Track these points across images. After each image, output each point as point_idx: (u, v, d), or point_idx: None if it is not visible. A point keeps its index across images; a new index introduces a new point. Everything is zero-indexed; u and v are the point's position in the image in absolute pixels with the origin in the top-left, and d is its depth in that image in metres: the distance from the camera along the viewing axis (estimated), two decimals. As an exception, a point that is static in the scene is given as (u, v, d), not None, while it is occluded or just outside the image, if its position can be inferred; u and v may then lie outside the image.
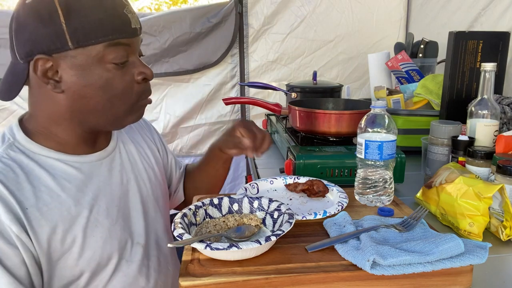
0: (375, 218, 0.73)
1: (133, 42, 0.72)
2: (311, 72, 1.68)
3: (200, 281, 0.56)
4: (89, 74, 0.68)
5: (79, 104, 0.70)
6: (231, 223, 0.70)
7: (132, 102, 0.74)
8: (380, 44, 2.21)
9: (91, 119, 0.72)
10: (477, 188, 0.76)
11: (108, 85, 0.69)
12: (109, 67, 0.69)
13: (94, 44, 0.66)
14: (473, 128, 0.97)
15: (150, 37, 1.94)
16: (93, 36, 0.66)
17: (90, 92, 0.69)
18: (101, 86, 0.69)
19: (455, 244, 0.59)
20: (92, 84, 0.68)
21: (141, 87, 0.74)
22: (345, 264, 0.60)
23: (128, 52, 0.71)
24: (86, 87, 0.68)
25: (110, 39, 0.67)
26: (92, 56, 0.67)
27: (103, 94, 0.70)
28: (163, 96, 2.07)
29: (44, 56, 0.66)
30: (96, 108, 0.71)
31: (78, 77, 0.68)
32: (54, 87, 0.68)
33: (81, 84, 0.68)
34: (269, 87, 1.55)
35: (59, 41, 0.65)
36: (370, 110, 0.84)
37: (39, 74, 0.67)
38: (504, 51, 1.23)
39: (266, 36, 2.12)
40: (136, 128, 0.94)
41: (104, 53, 0.67)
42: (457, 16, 1.76)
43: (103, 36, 0.66)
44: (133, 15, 0.71)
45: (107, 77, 0.69)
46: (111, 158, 0.81)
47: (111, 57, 0.68)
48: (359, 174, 0.86)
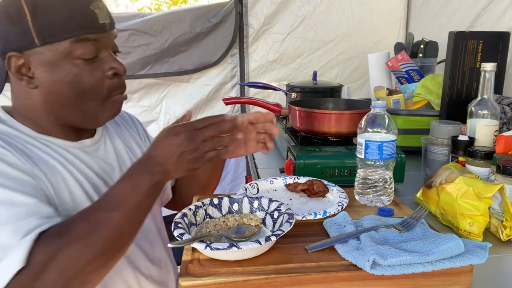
0: (375, 218, 0.73)
1: (102, 37, 0.72)
2: (311, 72, 1.68)
3: (200, 281, 0.56)
4: (58, 69, 0.69)
5: (52, 99, 0.71)
6: (231, 223, 0.70)
7: (103, 98, 0.74)
8: (380, 44, 2.21)
9: (65, 114, 0.73)
10: (477, 188, 0.76)
11: (77, 80, 0.70)
12: (77, 62, 0.70)
13: (60, 41, 0.68)
14: (473, 128, 0.97)
15: (150, 37, 1.94)
16: (58, 33, 0.67)
17: (60, 87, 0.70)
18: (70, 81, 0.70)
19: (455, 244, 0.59)
20: (61, 79, 0.70)
21: (112, 83, 0.74)
22: (345, 264, 0.60)
23: (98, 47, 0.71)
24: (56, 83, 0.70)
25: (75, 35, 0.68)
26: (59, 52, 0.68)
27: (73, 89, 0.71)
28: (163, 96, 2.07)
29: (16, 54, 0.68)
30: (67, 103, 0.72)
31: (48, 73, 0.69)
32: (28, 83, 0.70)
33: (51, 79, 0.70)
34: (269, 87, 1.55)
35: (27, 39, 0.67)
36: (370, 110, 0.84)
37: (12, 71, 0.69)
38: (504, 51, 1.23)
39: (266, 36, 2.12)
40: (122, 125, 0.94)
41: (71, 49, 0.68)
42: (457, 16, 1.76)
43: (68, 33, 0.68)
44: (101, 10, 0.71)
45: (75, 72, 0.70)
46: (95, 148, 0.81)
47: (79, 53, 0.69)
48: (359, 174, 0.86)
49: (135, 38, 1.93)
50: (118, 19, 1.95)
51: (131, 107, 2.02)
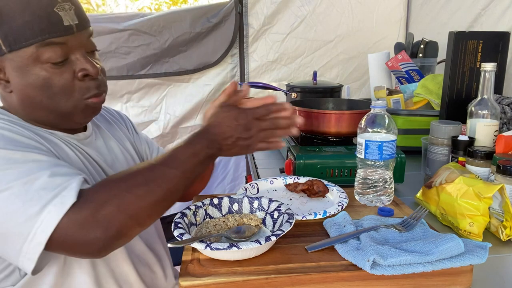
0: (375, 218, 0.73)
1: (70, 39, 0.71)
2: (311, 72, 1.68)
3: (200, 281, 0.56)
4: (28, 74, 0.70)
5: (27, 103, 0.72)
6: (231, 223, 0.70)
7: (75, 99, 0.73)
8: (380, 44, 2.21)
9: (42, 116, 0.74)
10: (477, 188, 0.76)
11: (47, 84, 0.70)
12: (46, 66, 0.70)
13: (25, 47, 0.68)
14: (473, 128, 0.97)
15: (150, 37, 1.94)
16: (22, 39, 0.67)
17: (31, 91, 0.71)
18: (40, 85, 0.70)
19: (455, 244, 0.59)
20: (31, 83, 0.70)
21: (84, 84, 0.74)
22: (345, 264, 0.60)
23: (66, 50, 0.71)
24: (27, 87, 0.70)
25: (39, 40, 0.68)
26: (26, 58, 0.68)
27: (44, 92, 0.71)
28: (163, 96, 2.07)
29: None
30: (41, 106, 0.72)
31: (19, 78, 0.70)
32: (5, 87, 0.72)
33: (22, 84, 0.70)
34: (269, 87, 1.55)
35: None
36: (370, 110, 0.84)
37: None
38: (504, 51, 1.23)
39: (266, 36, 2.12)
40: (113, 122, 0.95)
41: (38, 53, 0.68)
42: (457, 16, 1.76)
43: (32, 38, 0.67)
44: (67, 12, 0.70)
45: (44, 76, 0.70)
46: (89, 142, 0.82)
47: (46, 57, 0.69)
48: (359, 174, 0.86)
49: (135, 38, 1.93)
50: (118, 19, 1.95)
51: (131, 107, 2.03)
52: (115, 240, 0.61)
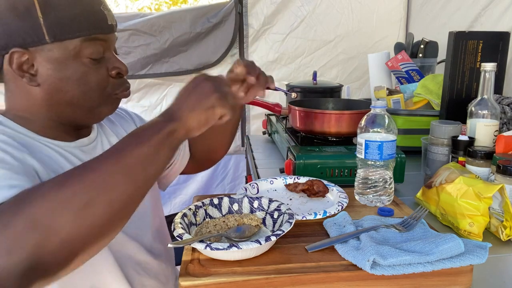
0: (375, 218, 0.73)
1: (109, 38, 0.73)
2: (311, 72, 1.68)
3: (200, 281, 0.56)
4: (66, 68, 0.69)
5: (55, 97, 0.71)
6: (231, 223, 0.70)
7: (106, 95, 0.75)
8: (380, 44, 2.21)
9: (68, 111, 0.73)
10: (477, 188, 0.76)
11: (84, 79, 0.70)
12: (85, 61, 0.70)
13: (71, 39, 0.67)
14: (473, 128, 0.97)
15: (150, 37, 1.94)
16: (70, 31, 0.67)
17: (66, 85, 0.70)
18: (77, 79, 0.70)
19: (455, 244, 0.59)
20: (68, 77, 0.69)
21: (116, 81, 0.75)
22: (345, 264, 0.60)
23: (104, 47, 0.72)
24: (62, 81, 0.69)
25: (87, 34, 0.68)
26: (69, 50, 0.68)
27: (79, 87, 0.70)
28: (163, 96, 2.07)
29: (20, 50, 0.66)
30: (72, 101, 0.71)
31: (54, 71, 0.68)
32: (30, 81, 0.69)
33: (57, 77, 0.69)
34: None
35: (36, 35, 0.66)
36: (370, 110, 0.84)
37: (14, 67, 0.68)
38: (504, 51, 1.23)
39: (266, 36, 2.12)
40: (117, 121, 0.93)
41: (81, 47, 0.69)
42: (457, 16, 1.76)
43: (80, 31, 0.68)
44: (109, 12, 0.73)
45: (83, 71, 0.70)
46: (93, 147, 0.81)
47: (88, 52, 0.69)
48: (359, 174, 0.86)
49: (135, 38, 1.94)
50: (118, 19, 1.94)
51: (131, 107, 2.02)
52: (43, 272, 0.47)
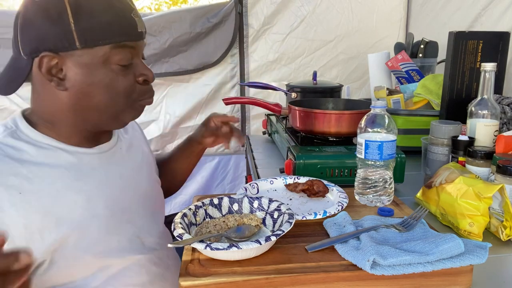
0: (375, 218, 0.73)
1: (138, 45, 0.74)
2: (311, 72, 1.68)
3: (200, 281, 0.56)
4: (94, 73, 0.69)
5: (82, 102, 0.72)
6: (231, 223, 0.70)
7: (132, 101, 0.76)
8: (380, 44, 2.21)
9: (93, 117, 0.74)
10: (477, 188, 0.76)
11: (112, 85, 0.71)
12: (114, 67, 0.71)
13: (101, 45, 0.68)
14: (473, 128, 0.97)
15: (150, 37, 1.94)
16: (100, 37, 0.68)
17: (93, 90, 0.71)
18: (105, 85, 0.71)
19: (455, 244, 0.59)
20: (97, 83, 0.70)
21: (142, 88, 0.76)
22: (345, 264, 0.60)
23: (133, 54, 0.73)
24: (90, 86, 0.70)
25: (117, 41, 0.69)
26: (98, 57, 0.69)
27: (106, 93, 0.71)
28: (163, 96, 2.07)
29: (50, 54, 0.67)
30: (99, 106, 0.72)
31: (83, 76, 0.69)
32: (57, 85, 0.70)
33: (85, 82, 0.70)
34: (269, 87, 1.55)
35: (67, 40, 0.67)
36: (370, 110, 0.84)
37: (43, 71, 0.68)
38: (504, 51, 1.23)
39: (266, 36, 2.12)
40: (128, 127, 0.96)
41: (110, 54, 0.69)
42: (457, 16, 1.76)
43: (110, 38, 0.68)
44: (140, 19, 0.73)
45: (111, 77, 0.71)
46: (112, 153, 0.82)
47: (117, 59, 0.70)
48: (359, 174, 0.86)
49: (135, 38, 1.93)
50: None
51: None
52: None
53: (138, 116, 0.80)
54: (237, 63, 2.13)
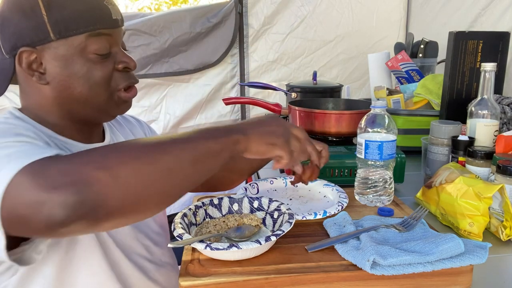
0: (375, 218, 0.73)
1: (115, 32, 0.73)
2: (311, 72, 1.68)
3: (200, 281, 0.56)
4: (72, 64, 0.69)
5: (64, 94, 0.71)
6: (231, 223, 0.70)
7: (111, 90, 0.75)
8: (380, 44, 2.21)
9: (78, 109, 0.74)
10: (477, 188, 0.76)
11: (90, 75, 0.71)
12: (91, 57, 0.70)
13: (75, 35, 0.68)
14: (473, 128, 0.97)
15: (150, 37, 1.94)
16: (74, 27, 0.67)
17: (73, 82, 0.70)
18: (83, 75, 0.70)
19: (455, 244, 0.59)
20: (75, 74, 0.70)
21: (121, 75, 0.75)
22: (345, 264, 0.60)
23: (111, 43, 0.72)
24: (69, 77, 0.70)
25: (91, 29, 0.69)
26: (74, 47, 0.69)
27: (85, 83, 0.71)
28: (163, 96, 2.07)
29: (28, 49, 0.68)
30: (80, 98, 0.72)
31: (61, 68, 0.69)
32: (39, 79, 0.70)
33: (64, 74, 0.70)
34: (269, 87, 1.55)
35: (42, 33, 0.67)
36: (370, 110, 0.84)
37: (24, 66, 0.69)
38: (504, 51, 1.23)
39: (266, 36, 2.12)
40: (126, 126, 0.95)
41: (87, 43, 0.69)
42: (457, 16, 1.76)
43: (84, 27, 0.68)
44: (114, 7, 0.73)
45: (89, 67, 0.70)
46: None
47: (94, 48, 0.70)
48: (359, 174, 0.86)
49: (135, 38, 1.93)
50: (118, 19, 1.95)
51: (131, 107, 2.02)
52: (91, 211, 0.46)
53: (125, 109, 0.79)
54: (237, 63, 2.13)
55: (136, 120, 1.01)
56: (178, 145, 0.54)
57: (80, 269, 0.71)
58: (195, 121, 2.13)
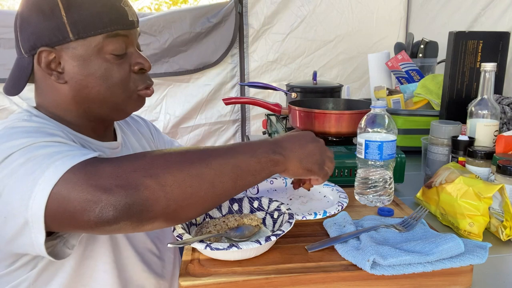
0: (375, 218, 0.73)
1: (131, 33, 0.75)
2: (311, 72, 1.68)
3: (200, 281, 0.56)
4: (89, 64, 0.71)
5: (82, 94, 0.73)
6: (231, 223, 0.70)
7: (130, 91, 0.76)
8: (380, 44, 2.21)
9: (95, 108, 0.75)
10: (477, 188, 0.76)
11: (107, 75, 0.72)
12: (108, 57, 0.72)
13: (93, 36, 0.70)
14: (473, 128, 0.97)
15: (150, 37, 1.94)
16: (92, 28, 0.69)
17: (91, 81, 0.72)
18: (101, 75, 0.72)
19: (455, 244, 0.59)
20: (92, 74, 0.71)
21: (138, 77, 0.77)
22: (345, 264, 0.60)
23: (127, 43, 0.74)
24: (87, 77, 0.71)
25: (108, 30, 0.70)
26: (92, 47, 0.70)
27: (103, 83, 0.72)
28: (163, 96, 2.07)
29: (47, 48, 0.69)
30: (98, 97, 0.73)
31: (79, 68, 0.71)
32: (57, 78, 0.71)
33: (82, 74, 0.71)
34: (269, 87, 1.55)
35: (61, 34, 0.68)
36: (370, 110, 0.84)
37: (43, 66, 0.70)
38: (504, 51, 1.23)
39: (266, 36, 2.12)
40: (133, 125, 0.97)
41: (104, 44, 0.71)
42: (457, 16, 1.76)
43: (101, 28, 0.70)
44: (130, 8, 0.75)
45: (106, 67, 0.72)
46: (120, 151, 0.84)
47: (111, 48, 0.71)
48: (359, 174, 0.86)
49: (135, 38, 1.94)
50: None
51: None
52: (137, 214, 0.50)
53: (140, 106, 0.80)
54: (237, 63, 2.13)
55: (141, 119, 1.03)
56: (221, 160, 0.57)
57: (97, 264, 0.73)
58: (195, 121, 2.13)
